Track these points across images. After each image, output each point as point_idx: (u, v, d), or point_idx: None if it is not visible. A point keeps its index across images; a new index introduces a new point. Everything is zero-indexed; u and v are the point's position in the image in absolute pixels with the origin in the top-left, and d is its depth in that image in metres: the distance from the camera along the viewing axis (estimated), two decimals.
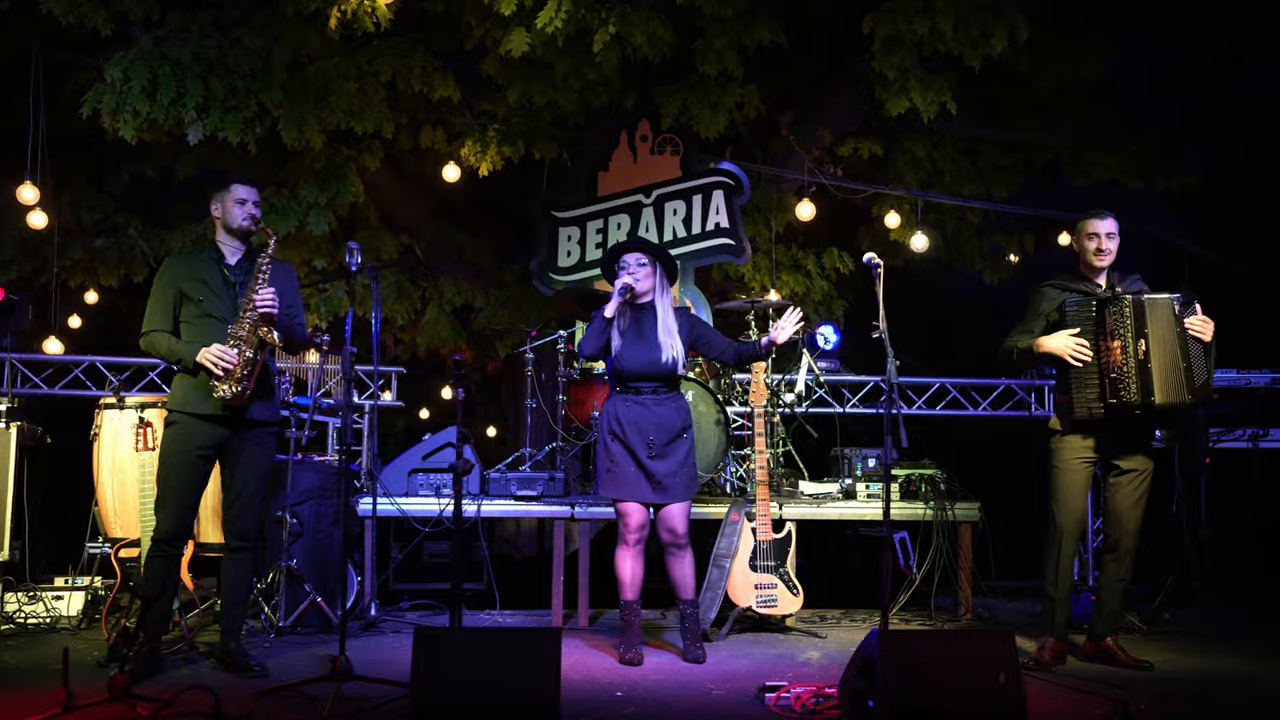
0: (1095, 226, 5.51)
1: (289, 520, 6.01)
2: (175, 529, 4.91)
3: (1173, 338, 5.32)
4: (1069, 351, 5.39)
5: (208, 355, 4.84)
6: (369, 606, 6.33)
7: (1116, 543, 5.56)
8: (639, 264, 5.52)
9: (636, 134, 8.87)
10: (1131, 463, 5.53)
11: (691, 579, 5.61)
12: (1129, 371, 5.32)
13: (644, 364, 5.48)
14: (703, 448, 6.81)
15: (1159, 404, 5.29)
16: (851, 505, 6.90)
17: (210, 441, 4.94)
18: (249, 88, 7.59)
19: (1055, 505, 5.57)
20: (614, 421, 5.52)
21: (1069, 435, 5.56)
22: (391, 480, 6.52)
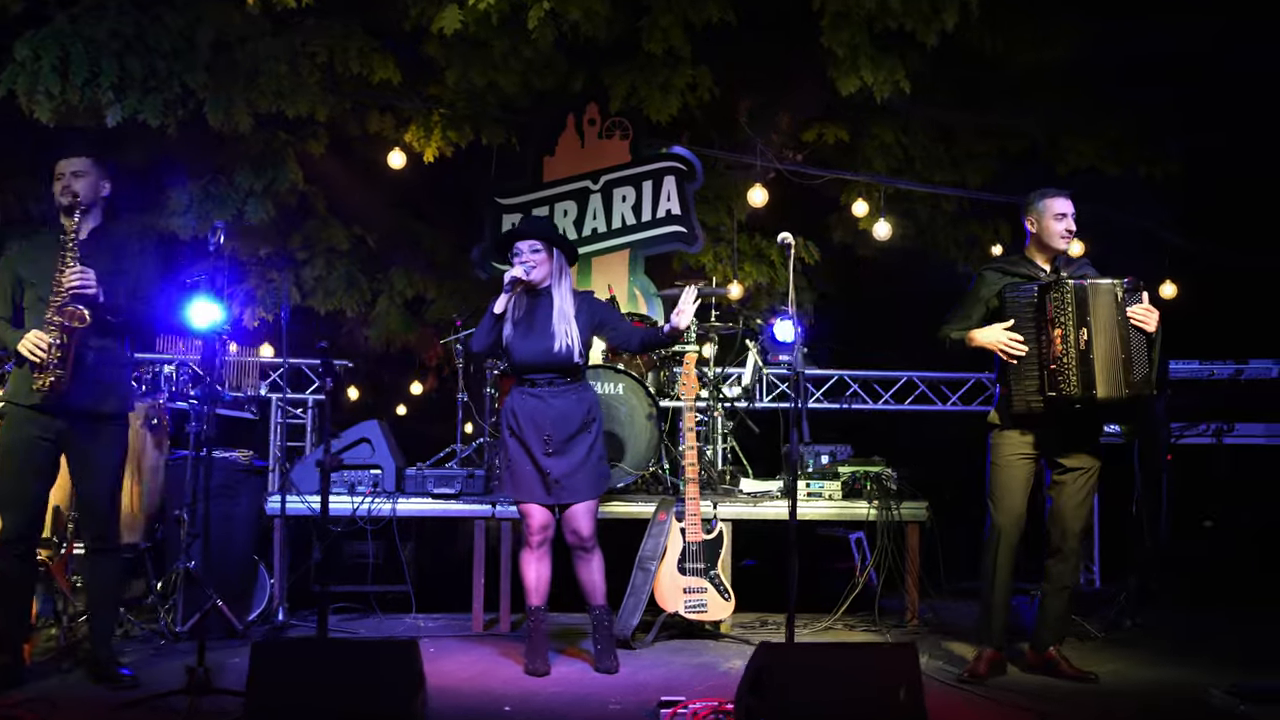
0: (1063, 205, 5.16)
1: (185, 519, 5.66)
2: (19, 529, 4.58)
3: (1114, 326, 4.96)
4: (1000, 346, 5.04)
5: (24, 342, 4.51)
6: (277, 610, 5.98)
7: (1059, 546, 5.20)
8: (532, 251, 5.16)
9: (584, 117, 8.53)
10: (1076, 460, 5.17)
11: (600, 583, 5.26)
12: (1069, 362, 4.96)
13: (536, 354, 5.13)
14: (634, 443, 6.48)
15: (1101, 397, 4.93)
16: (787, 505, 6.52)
17: (44, 433, 4.58)
18: (170, 68, 7.27)
19: (992, 504, 5.21)
20: (511, 417, 5.18)
21: (1008, 430, 5.21)
22: (304, 477, 6.19)
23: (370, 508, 6.11)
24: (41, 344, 4.47)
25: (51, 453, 4.65)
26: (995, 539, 5.18)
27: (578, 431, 5.15)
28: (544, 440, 5.07)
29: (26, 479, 4.57)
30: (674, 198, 8.45)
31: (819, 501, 6.47)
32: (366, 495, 6.11)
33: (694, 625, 6.01)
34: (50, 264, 4.61)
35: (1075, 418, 5.07)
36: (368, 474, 6.19)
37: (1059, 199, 5.19)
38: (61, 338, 4.50)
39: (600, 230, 8.42)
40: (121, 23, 7.06)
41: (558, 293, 5.19)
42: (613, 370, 6.51)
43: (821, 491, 6.47)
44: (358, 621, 6.34)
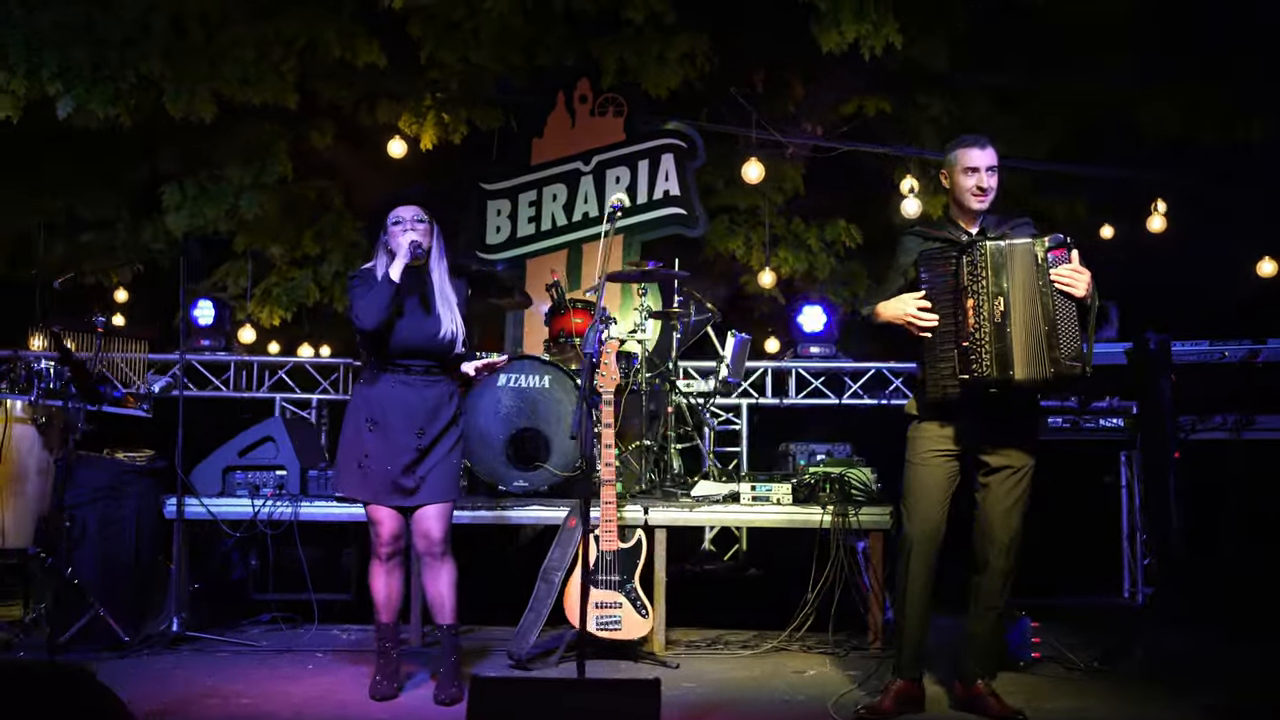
0: (973, 158, 4.30)
1: (65, 524, 5.34)
2: None
3: (1035, 294, 4.11)
4: (906, 318, 4.24)
5: None
6: (172, 621, 5.59)
7: (986, 559, 4.36)
8: (418, 220, 4.57)
9: (575, 94, 7.99)
10: (1003, 457, 4.32)
11: (450, 598, 4.63)
12: (983, 338, 4.13)
13: (418, 338, 4.56)
14: (561, 441, 5.86)
15: (1019, 379, 4.09)
16: (731, 510, 5.80)
17: None
18: (123, 57, 7.06)
19: (904, 509, 4.41)
20: (374, 406, 4.59)
21: (925, 422, 4.40)
22: (205, 479, 5.81)
23: (271, 511, 5.67)
24: None
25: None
26: (906, 551, 4.37)
27: (447, 426, 4.59)
28: (417, 434, 4.50)
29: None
30: (672, 176, 7.82)
31: (765, 507, 5.72)
32: (269, 498, 5.68)
33: (616, 645, 5.35)
34: None
35: (1000, 406, 4.23)
36: (273, 475, 5.77)
37: (969, 150, 4.33)
38: None
39: (592, 215, 7.86)
40: (67, 14, 6.87)
41: (437, 271, 4.62)
42: (538, 361, 5.92)
43: (769, 496, 5.72)
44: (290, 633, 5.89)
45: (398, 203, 4.64)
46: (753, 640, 5.75)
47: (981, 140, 4.33)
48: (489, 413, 5.82)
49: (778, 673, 5.16)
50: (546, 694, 3.07)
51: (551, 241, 7.84)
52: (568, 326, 6.20)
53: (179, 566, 5.70)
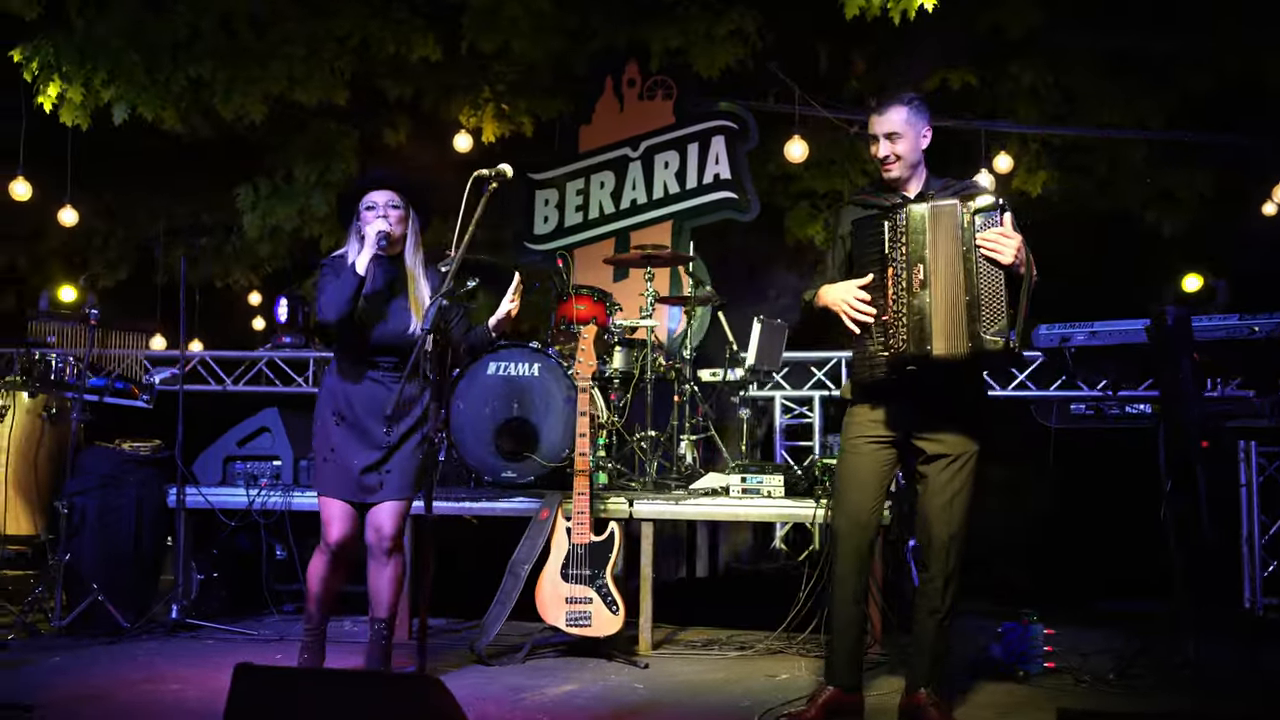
0: (872, 125, 3.94)
1: (63, 511, 5.49)
2: None
3: (958, 260, 3.69)
4: (842, 308, 3.87)
5: None
6: (169, 608, 5.68)
7: (926, 559, 3.94)
8: (392, 205, 4.36)
9: (623, 78, 7.79)
10: (939, 444, 3.90)
11: (389, 595, 4.44)
12: (901, 310, 3.74)
13: (392, 334, 4.37)
14: (550, 432, 5.68)
15: (937, 354, 3.67)
16: (717, 504, 5.48)
17: None
18: (175, 60, 7.26)
19: (833, 501, 4.03)
20: (341, 400, 4.43)
21: (856, 405, 4.03)
22: (207, 468, 5.89)
23: (263, 501, 5.70)
24: None
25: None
26: (833, 544, 3.99)
27: (417, 424, 4.41)
28: (384, 432, 4.34)
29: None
30: (723, 159, 7.52)
31: (756, 500, 5.38)
32: (263, 487, 5.71)
33: (589, 642, 5.13)
34: None
35: (932, 386, 3.82)
36: (269, 465, 5.80)
37: (871, 116, 3.96)
38: None
39: (640, 201, 7.64)
40: (120, 21, 7.10)
41: (412, 261, 4.43)
42: (528, 349, 5.74)
43: (759, 488, 5.37)
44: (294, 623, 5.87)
45: (371, 185, 4.42)
46: (753, 641, 5.42)
47: (884, 103, 3.93)
48: (478, 402, 5.69)
49: (746, 676, 4.84)
50: (312, 684, 2.90)
51: (599, 230, 7.66)
52: (569, 313, 6.02)
53: (182, 555, 5.79)
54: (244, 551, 6.20)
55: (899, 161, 3.90)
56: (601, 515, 5.27)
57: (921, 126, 3.94)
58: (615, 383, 6.12)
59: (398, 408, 4.28)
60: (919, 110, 3.93)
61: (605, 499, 5.37)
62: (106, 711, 4.14)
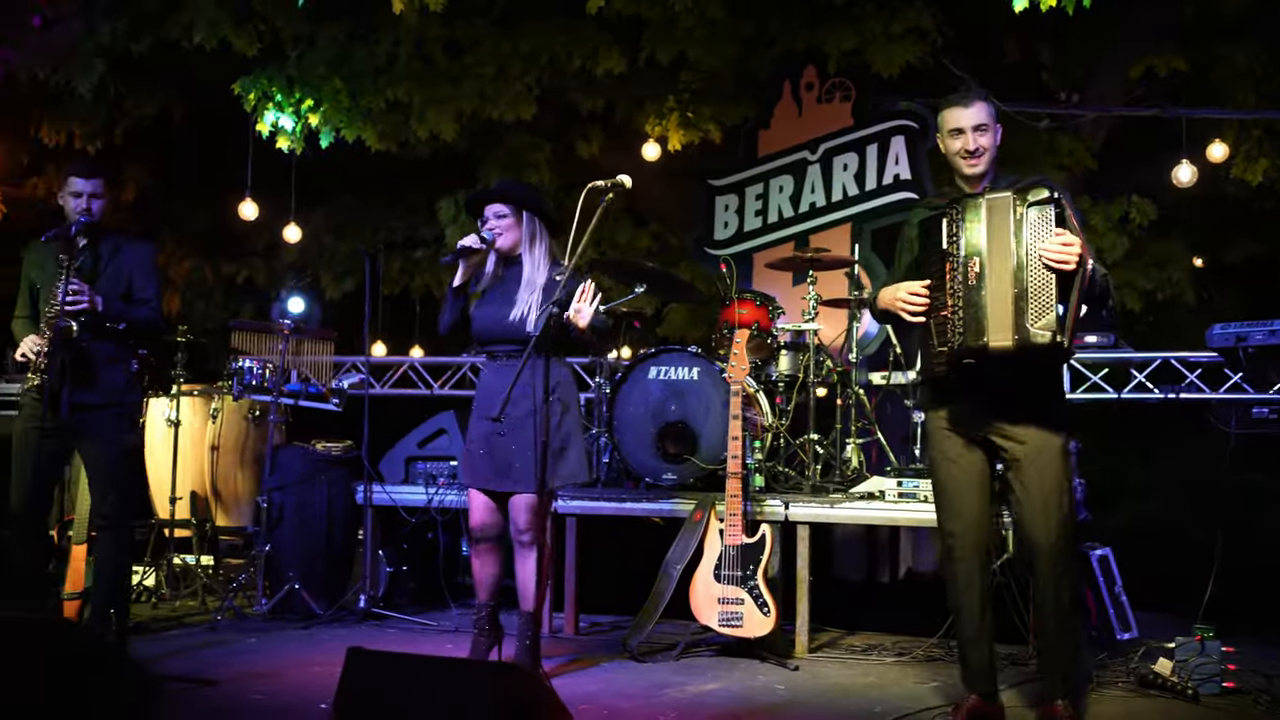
0: (958, 117, 3.87)
1: (263, 505, 5.96)
2: (20, 507, 5.03)
3: (1010, 253, 3.61)
4: (897, 305, 3.86)
5: (21, 346, 4.96)
6: (358, 598, 6.07)
7: (1030, 561, 3.83)
8: (497, 216, 4.71)
9: (801, 82, 7.78)
10: (1021, 443, 3.79)
11: (533, 587, 4.54)
12: (957, 304, 3.68)
13: (492, 323, 4.68)
14: (710, 434, 5.75)
15: (994, 347, 3.59)
16: (872, 508, 5.41)
17: (42, 424, 4.98)
18: (375, 85, 7.74)
19: (938, 510, 3.97)
20: (479, 392, 4.80)
21: (933, 410, 3.99)
22: (391, 468, 6.26)
23: (440, 499, 6.02)
24: (30, 350, 4.95)
25: (55, 441, 5.06)
26: (948, 554, 3.93)
27: (534, 411, 4.52)
28: (496, 415, 4.51)
29: (26, 463, 5.05)
30: (903, 160, 7.43)
31: (912, 505, 5.30)
32: (440, 486, 6.03)
33: (743, 643, 5.18)
34: (53, 271, 5.10)
35: (1000, 382, 3.74)
36: (447, 465, 6.12)
37: (953, 109, 3.89)
38: (46, 346, 4.94)
39: (819, 204, 7.62)
40: (326, 53, 7.63)
41: (528, 260, 4.70)
42: (688, 353, 5.84)
43: (916, 493, 5.29)
44: None
45: (483, 199, 4.82)
46: (912, 648, 5.36)
47: (967, 97, 3.90)
48: (639, 405, 5.82)
49: (894, 682, 4.80)
50: (421, 670, 3.08)
51: (778, 234, 7.67)
52: (732, 317, 6.08)
53: (369, 549, 6.17)
54: (429, 547, 6.54)
55: (984, 156, 3.85)
56: (757, 518, 5.32)
57: (996, 122, 3.91)
58: (781, 386, 6.14)
59: (512, 398, 4.42)
60: (994, 106, 3.91)
61: (761, 501, 5.41)
62: (275, 689, 4.48)
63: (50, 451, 5.05)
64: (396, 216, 11.56)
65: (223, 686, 4.45)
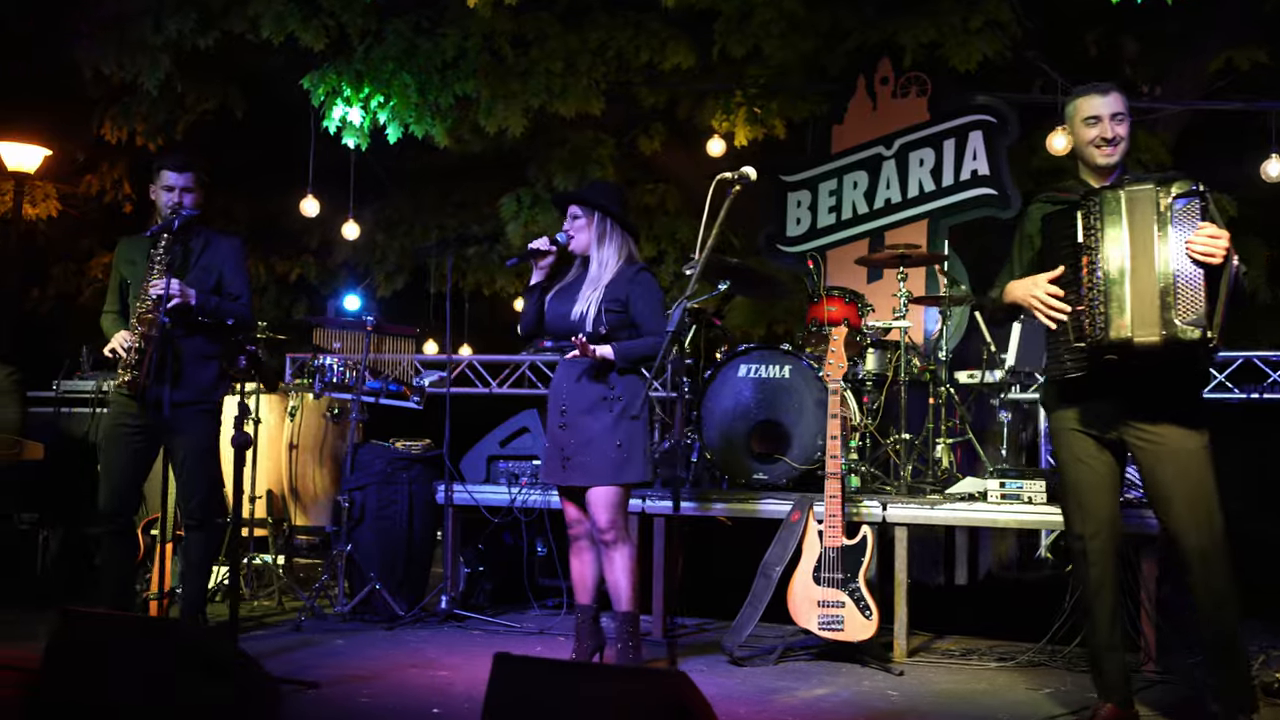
0: (1094, 105, 3.76)
1: (344, 505, 5.88)
2: (110, 505, 4.97)
3: (1153, 246, 3.49)
4: (1032, 302, 3.73)
5: (111, 341, 4.90)
6: (439, 599, 5.98)
7: (1185, 564, 3.70)
8: (572, 217, 4.72)
9: (875, 76, 7.66)
10: (1157, 443, 3.66)
11: (625, 585, 4.54)
12: (1096, 297, 3.56)
13: (557, 318, 4.68)
14: (802, 434, 5.64)
15: (1139, 342, 3.48)
16: (974, 509, 5.29)
17: (135, 420, 4.94)
18: (443, 80, 7.66)
19: (1066, 512, 3.86)
20: (552, 388, 4.79)
21: (1061, 410, 3.85)
22: (472, 467, 6.17)
23: (524, 499, 5.92)
24: (122, 346, 4.88)
25: (144, 439, 5.01)
26: (1081, 556, 3.81)
27: (598, 405, 4.53)
28: (560, 410, 4.60)
29: (115, 461, 5.00)
30: (981, 155, 7.30)
31: (1015, 506, 5.18)
32: (523, 486, 5.93)
33: (842, 647, 5.07)
34: (144, 266, 5.03)
35: (1136, 379, 3.61)
36: (529, 464, 6.02)
37: (1089, 97, 3.78)
38: (140, 342, 4.87)
39: (894, 201, 7.50)
40: (393, 48, 7.55)
41: (595, 259, 4.66)
42: (779, 351, 5.74)
43: (1020, 494, 5.17)
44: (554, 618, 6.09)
45: (563, 201, 4.83)
46: (1014, 652, 5.23)
47: (1103, 85, 3.80)
48: (728, 403, 5.72)
49: (1005, 688, 4.67)
50: (568, 676, 2.98)
51: (852, 231, 7.56)
52: (820, 315, 5.97)
53: (450, 549, 6.08)
54: (507, 547, 6.45)
55: (1121, 145, 3.75)
56: (854, 519, 5.21)
57: (1130, 115, 3.82)
58: (869, 385, 6.03)
59: (573, 388, 4.55)
60: (1126, 98, 3.81)
61: (858, 502, 5.30)
62: (380, 692, 4.39)
63: (138, 449, 4.99)
64: (448, 214, 11.51)
65: (326, 689, 4.36)
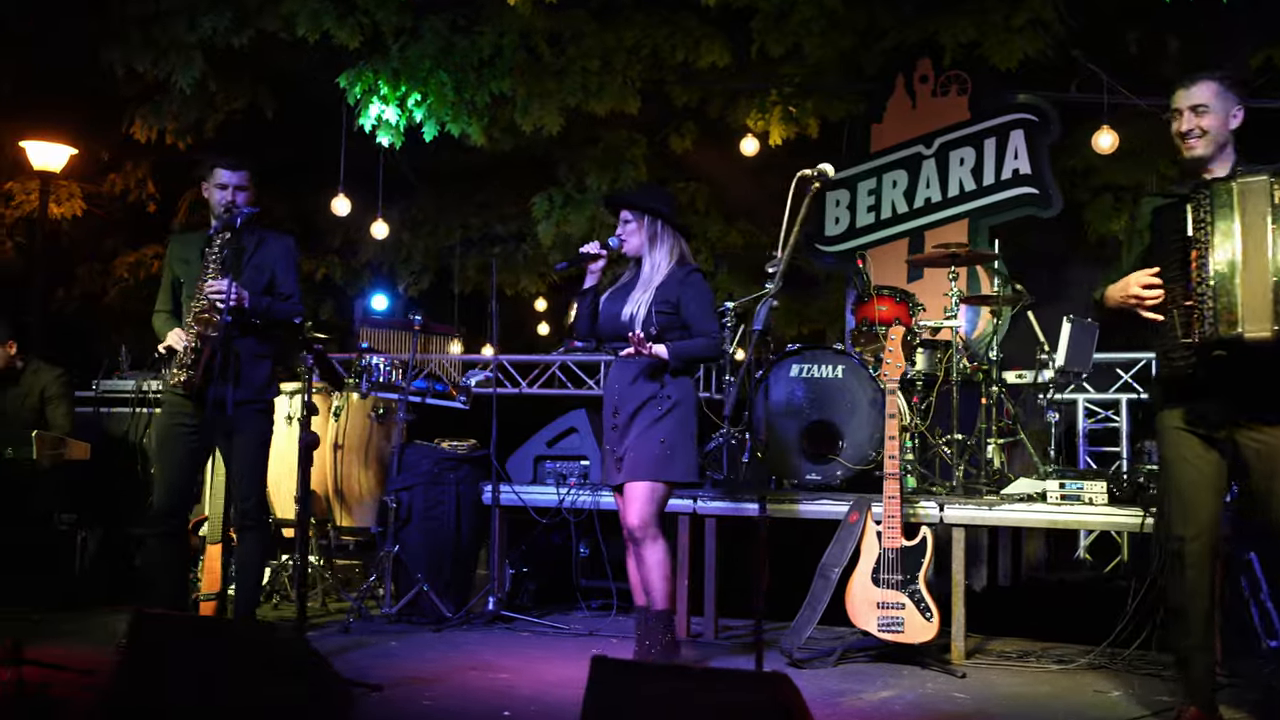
0: (1175, 98, 3.75)
1: (391, 505, 5.84)
2: (166, 505, 4.93)
3: (1267, 239, 3.46)
4: (1133, 301, 3.70)
5: (167, 342, 4.86)
6: (486, 600, 5.94)
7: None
8: (624, 221, 4.74)
9: (915, 75, 7.62)
10: (1270, 441, 3.61)
11: (656, 582, 4.53)
12: (1205, 292, 3.52)
13: (609, 319, 4.72)
14: (855, 434, 5.61)
15: (1250, 337, 3.43)
16: (1034, 510, 5.25)
17: (189, 420, 4.89)
18: (480, 78, 7.62)
19: (1166, 513, 3.82)
20: (606, 389, 4.81)
21: (1168, 409, 3.81)
22: (518, 467, 6.13)
23: (573, 499, 5.88)
24: (177, 344, 4.83)
25: (197, 439, 4.96)
26: (1176, 556, 3.76)
27: (645, 404, 4.55)
28: (612, 412, 4.63)
29: (169, 462, 4.94)
30: (1022, 154, 7.26)
31: (1074, 507, 5.13)
32: (571, 487, 5.89)
33: (895, 648, 5.03)
34: (197, 264, 4.98)
35: (1248, 375, 3.57)
36: (577, 464, 5.98)
37: (1176, 90, 3.76)
38: (196, 341, 4.82)
39: (935, 200, 7.46)
40: (430, 45, 7.50)
41: (647, 261, 4.68)
42: (831, 351, 5.70)
43: (1080, 494, 5.13)
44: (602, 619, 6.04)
45: (613, 205, 4.88)
46: (1071, 655, 5.18)
47: (1191, 76, 3.75)
48: (781, 404, 5.68)
49: (1071, 691, 4.63)
50: (668, 679, 2.94)
51: (892, 230, 7.53)
52: (871, 314, 5.92)
53: (497, 550, 6.04)
54: (552, 548, 6.41)
55: (1203, 138, 3.70)
56: (910, 520, 5.17)
57: (1232, 105, 3.74)
58: (918, 385, 5.99)
59: (625, 389, 4.58)
60: (1230, 87, 3.75)
61: (914, 503, 5.26)
62: (442, 694, 4.36)
63: (193, 449, 4.95)
64: (471, 214, 11.47)
65: (390, 691, 4.32)
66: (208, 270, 4.82)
